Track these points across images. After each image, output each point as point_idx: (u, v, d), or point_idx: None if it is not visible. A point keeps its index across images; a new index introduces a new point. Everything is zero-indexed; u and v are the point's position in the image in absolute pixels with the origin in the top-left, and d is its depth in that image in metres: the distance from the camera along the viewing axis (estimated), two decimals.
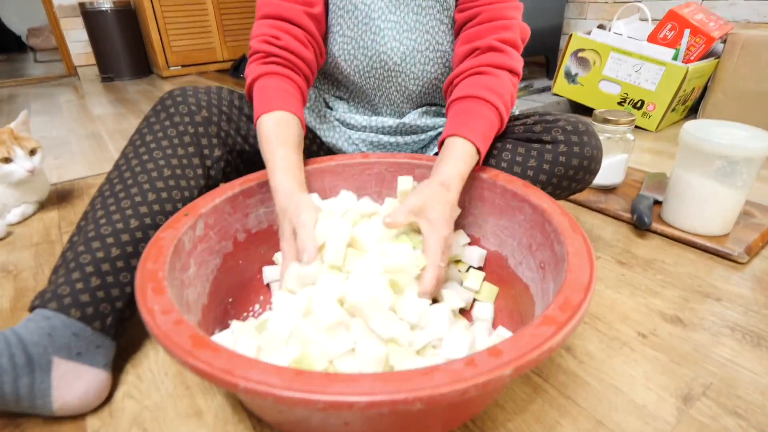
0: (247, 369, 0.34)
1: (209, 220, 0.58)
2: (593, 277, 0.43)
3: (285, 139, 0.61)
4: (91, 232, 0.56)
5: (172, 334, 0.37)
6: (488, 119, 0.63)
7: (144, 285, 0.44)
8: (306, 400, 0.31)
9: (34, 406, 0.49)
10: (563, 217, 0.53)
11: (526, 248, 0.59)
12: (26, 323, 0.50)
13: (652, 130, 1.54)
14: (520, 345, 0.35)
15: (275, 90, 0.65)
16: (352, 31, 0.71)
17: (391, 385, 0.32)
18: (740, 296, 0.71)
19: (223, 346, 0.36)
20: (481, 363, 0.34)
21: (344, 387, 0.32)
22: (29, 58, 4.12)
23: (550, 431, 0.50)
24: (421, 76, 0.74)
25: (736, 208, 0.82)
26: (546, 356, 0.35)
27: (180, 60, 2.76)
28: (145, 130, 0.65)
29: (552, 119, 0.70)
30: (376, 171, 0.72)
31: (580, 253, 0.47)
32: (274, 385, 0.32)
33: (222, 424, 0.51)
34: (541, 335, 0.36)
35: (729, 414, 0.52)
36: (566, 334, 0.37)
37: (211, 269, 0.58)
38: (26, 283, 0.79)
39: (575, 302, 0.40)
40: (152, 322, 0.39)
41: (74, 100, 2.31)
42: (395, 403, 0.31)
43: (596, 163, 0.69)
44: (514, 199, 0.61)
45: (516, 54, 0.68)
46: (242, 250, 0.64)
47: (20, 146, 0.96)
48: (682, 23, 1.43)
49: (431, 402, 0.32)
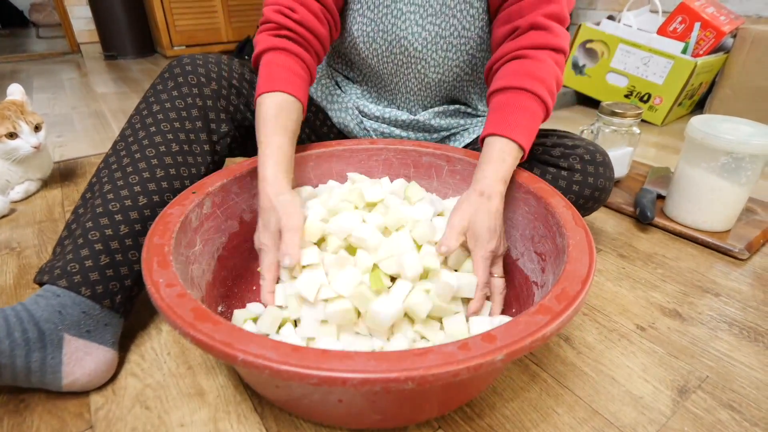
0: (246, 342, 0.35)
1: (216, 198, 0.59)
2: (592, 270, 0.44)
3: (284, 126, 0.59)
4: (99, 207, 0.55)
5: (176, 306, 0.39)
6: (530, 111, 0.59)
7: (150, 258, 0.45)
8: (301, 374, 0.32)
9: (43, 381, 0.50)
10: (567, 210, 0.53)
11: (528, 240, 0.59)
12: (36, 299, 0.50)
13: (658, 123, 1.53)
14: (514, 332, 0.36)
15: (282, 68, 0.62)
16: (372, 12, 0.68)
17: (385, 364, 0.33)
18: (739, 292, 0.72)
19: (223, 320, 0.37)
20: (474, 347, 0.35)
21: (338, 363, 0.33)
22: (31, 34, 4.07)
23: (546, 419, 0.51)
24: (443, 63, 0.71)
25: (738, 205, 0.82)
26: (539, 344, 0.36)
27: (184, 40, 2.73)
28: (152, 99, 0.63)
29: (571, 144, 0.68)
30: (384, 157, 0.72)
31: (580, 245, 0.47)
32: (271, 359, 0.33)
33: (224, 403, 0.52)
34: (535, 323, 0.37)
35: (723, 407, 0.52)
36: (561, 323, 0.37)
37: (216, 247, 0.59)
38: (29, 260, 0.79)
39: (572, 293, 0.41)
40: (156, 294, 0.40)
41: (77, 77, 2.29)
42: (387, 381, 0.32)
43: (606, 194, 0.68)
44: (519, 191, 0.61)
45: (560, 30, 0.63)
46: (249, 230, 0.64)
47: (26, 121, 0.95)
48: (693, 16, 1.42)
49: (423, 382, 0.32)
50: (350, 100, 0.79)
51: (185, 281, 0.46)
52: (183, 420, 0.50)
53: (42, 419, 0.50)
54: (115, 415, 0.51)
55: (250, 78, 0.71)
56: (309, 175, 0.71)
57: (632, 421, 0.50)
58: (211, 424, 0.50)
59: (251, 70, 0.72)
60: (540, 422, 0.50)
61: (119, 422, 0.50)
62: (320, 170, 0.70)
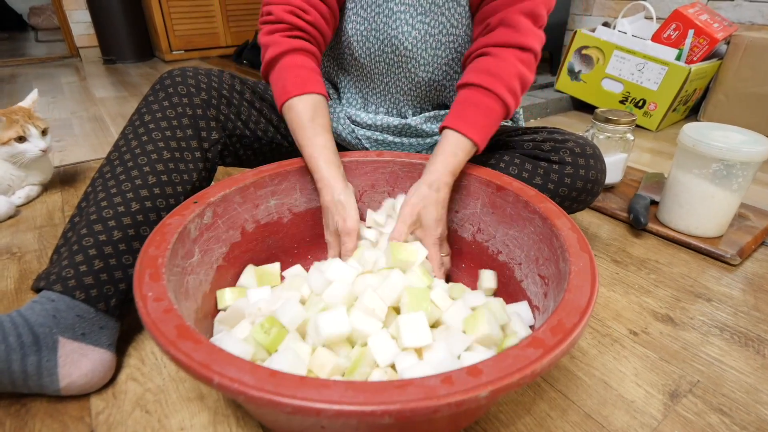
0: (224, 365, 0.34)
1: (218, 209, 0.59)
2: (592, 300, 0.41)
3: (322, 125, 0.63)
4: (93, 215, 0.57)
5: (160, 322, 0.38)
6: (487, 107, 0.62)
7: (143, 271, 0.44)
8: (275, 402, 0.31)
9: (41, 384, 0.50)
10: (572, 233, 0.51)
11: (533, 262, 0.58)
12: (31, 305, 0.52)
13: (652, 129, 1.55)
14: (502, 366, 0.34)
15: (306, 69, 0.65)
16: (365, 12, 0.69)
17: (362, 396, 0.31)
18: (731, 297, 0.73)
19: (205, 339, 0.36)
20: (458, 381, 0.33)
21: (314, 393, 0.32)
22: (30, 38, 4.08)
23: (541, 423, 0.52)
24: (432, 62, 0.72)
25: (730, 211, 0.84)
26: (528, 381, 0.34)
27: (183, 44, 2.75)
28: (144, 110, 0.65)
29: (561, 138, 0.70)
30: (390, 170, 0.71)
31: (583, 272, 0.45)
32: (247, 384, 0.32)
33: (223, 407, 0.53)
34: (525, 357, 0.34)
35: (714, 411, 0.54)
36: (553, 359, 0.35)
37: (216, 257, 0.59)
38: (30, 266, 0.80)
39: (568, 326, 0.38)
40: (143, 308, 0.40)
41: (76, 81, 2.30)
42: (363, 415, 0.31)
43: (599, 186, 0.70)
44: (526, 210, 0.59)
45: (530, 28, 0.64)
46: (250, 240, 0.65)
47: (34, 125, 0.96)
48: (687, 23, 1.44)
49: (401, 417, 0.31)
50: (341, 110, 0.81)
51: (179, 293, 0.47)
52: (183, 424, 0.51)
53: (44, 423, 0.51)
54: (115, 418, 0.52)
55: (240, 89, 0.73)
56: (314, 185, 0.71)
57: (624, 425, 0.51)
58: (210, 427, 0.51)
59: (242, 82, 0.74)
60: (534, 426, 0.51)
61: (120, 426, 0.51)
62: None
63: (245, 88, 0.73)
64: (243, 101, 0.72)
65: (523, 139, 0.73)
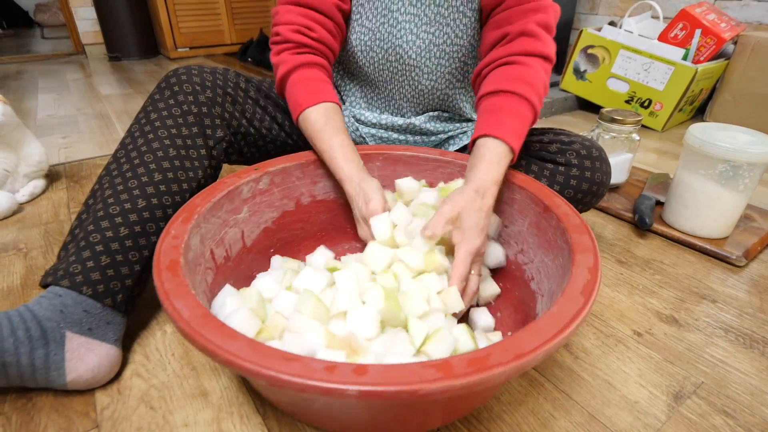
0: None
1: (276, 178, 0.66)
2: (582, 315, 0.39)
3: (336, 127, 0.65)
4: (100, 211, 0.57)
5: (162, 253, 0.46)
6: (521, 115, 0.61)
7: (179, 214, 0.52)
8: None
9: (48, 378, 0.51)
10: (588, 273, 0.44)
11: (549, 297, 0.53)
12: (39, 300, 0.52)
13: (658, 129, 1.54)
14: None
15: (316, 81, 0.67)
16: (370, 22, 0.71)
17: (336, 375, 0.32)
18: (736, 299, 0.73)
19: (181, 274, 0.42)
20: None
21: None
22: (36, 34, 4.10)
23: (545, 424, 0.52)
24: (435, 70, 0.73)
25: (736, 212, 0.83)
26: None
27: (188, 41, 2.75)
28: (150, 108, 0.65)
29: (568, 140, 0.69)
30: (450, 170, 0.70)
31: (576, 284, 0.42)
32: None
33: (227, 404, 0.53)
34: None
35: (718, 412, 0.53)
36: (520, 366, 0.34)
37: (265, 219, 0.66)
38: (36, 261, 0.80)
39: (523, 351, 0.35)
40: (159, 242, 0.48)
41: (82, 78, 2.31)
42: (330, 392, 0.31)
43: (604, 188, 0.69)
44: (562, 239, 0.53)
45: (548, 38, 0.65)
46: (303, 213, 0.70)
47: None
48: (694, 23, 1.43)
49: (365, 396, 0.31)
50: (345, 109, 0.81)
51: (210, 239, 0.55)
52: (187, 420, 0.51)
53: (49, 418, 0.52)
54: (120, 414, 0.52)
55: (245, 87, 0.73)
56: (374, 174, 0.71)
57: (628, 426, 0.51)
58: (214, 424, 0.51)
59: (247, 80, 0.74)
60: (537, 426, 0.51)
61: (125, 422, 0.51)
62: (385, 171, 0.73)
63: (250, 86, 0.74)
64: (248, 99, 0.73)
65: (530, 140, 0.72)
